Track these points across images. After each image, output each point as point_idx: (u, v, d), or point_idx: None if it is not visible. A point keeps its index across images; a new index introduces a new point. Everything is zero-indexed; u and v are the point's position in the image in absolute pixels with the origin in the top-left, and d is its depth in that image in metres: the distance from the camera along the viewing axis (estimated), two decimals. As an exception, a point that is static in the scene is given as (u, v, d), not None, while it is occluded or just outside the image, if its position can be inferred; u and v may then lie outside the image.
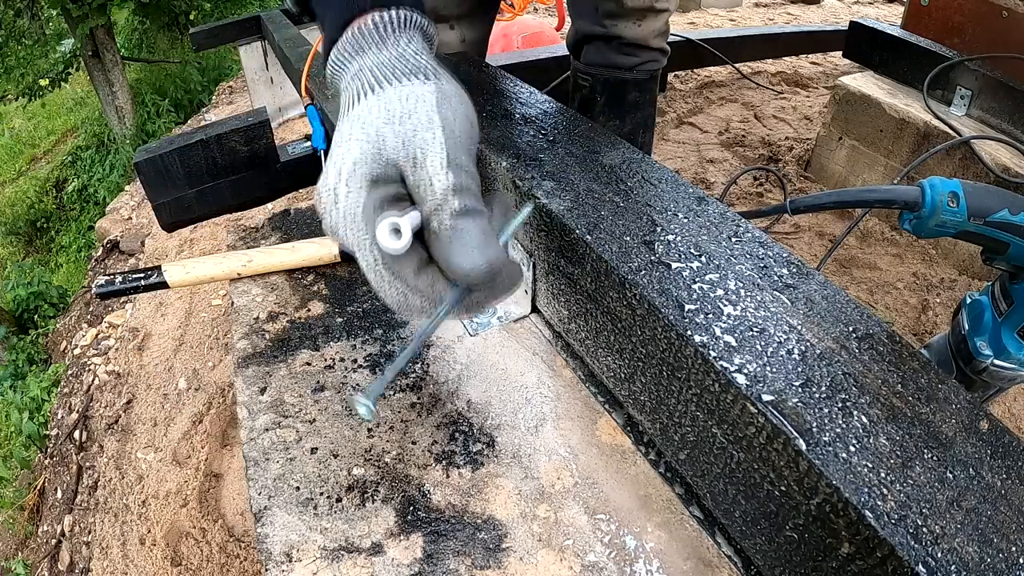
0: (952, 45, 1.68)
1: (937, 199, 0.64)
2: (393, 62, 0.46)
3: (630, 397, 0.57)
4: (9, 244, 7.02)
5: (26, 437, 2.25)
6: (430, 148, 0.42)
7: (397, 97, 0.44)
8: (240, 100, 3.75)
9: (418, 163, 0.43)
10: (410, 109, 0.43)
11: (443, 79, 0.47)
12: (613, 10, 1.08)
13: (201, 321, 1.92)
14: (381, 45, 0.47)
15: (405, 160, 0.43)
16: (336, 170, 0.44)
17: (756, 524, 0.46)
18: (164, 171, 1.03)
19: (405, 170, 0.43)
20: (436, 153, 0.42)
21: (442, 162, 0.42)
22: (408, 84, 0.45)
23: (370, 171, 0.43)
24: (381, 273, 0.43)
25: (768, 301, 0.49)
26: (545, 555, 0.50)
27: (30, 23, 7.69)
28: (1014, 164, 1.44)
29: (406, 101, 0.44)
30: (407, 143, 0.43)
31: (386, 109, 0.44)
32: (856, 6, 4.07)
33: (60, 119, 8.97)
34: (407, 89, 0.44)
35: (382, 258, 0.42)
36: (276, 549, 0.50)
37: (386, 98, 0.44)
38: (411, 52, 0.47)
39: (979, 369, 0.76)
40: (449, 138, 0.43)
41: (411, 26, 0.49)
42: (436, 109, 0.44)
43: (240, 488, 1.35)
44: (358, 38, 0.48)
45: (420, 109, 0.43)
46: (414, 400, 0.63)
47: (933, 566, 0.34)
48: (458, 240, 0.42)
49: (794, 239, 1.72)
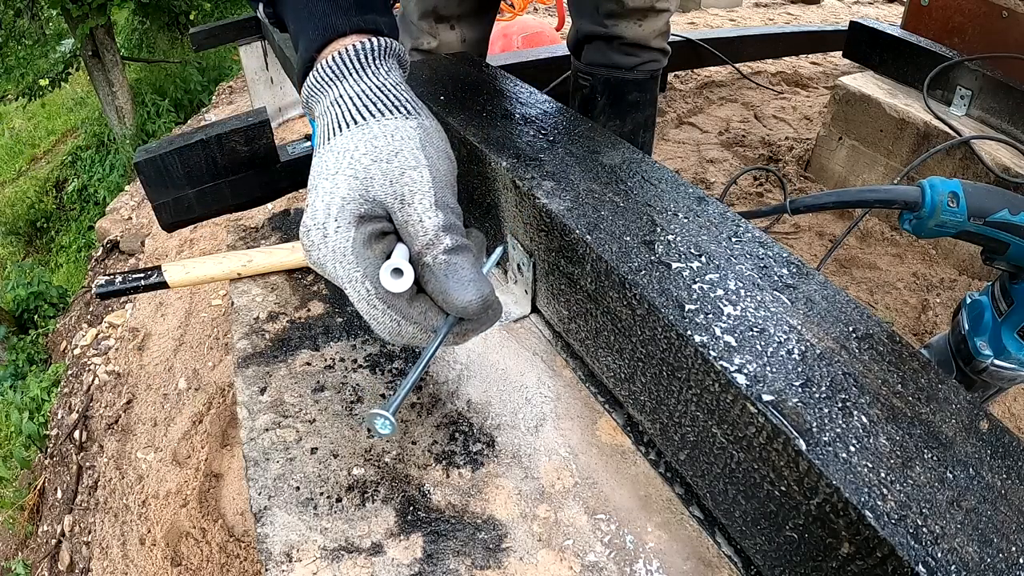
0: (952, 45, 1.68)
1: (937, 199, 0.64)
2: (375, 93, 0.47)
3: (630, 397, 0.57)
4: (9, 244, 7.02)
5: (26, 437, 2.25)
6: (419, 188, 0.44)
7: (382, 133, 0.45)
8: (240, 100, 3.75)
9: (407, 202, 0.44)
10: (397, 148, 0.45)
11: (423, 114, 0.48)
12: (614, 10, 1.08)
13: (201, 321, 1.92)
14: (360, 74, 0.48)
15: (393, 199, 0.44)
16: (324, 206, 0.44)
17: (756, 524, 0.46)
18: (164, 171, 1.02)
19: (393, 208, 0.45)
20: (425, 193, 0.44)
21: (431, 202, 0.44)
22: (391, 119, 0.46)
23: (357, 209, 0.44)
24: (375, 304, 0.44)
25: (768, 301, 0.49)
26: (545, 555, 0.50)
27: (30, 23, 7.70)
28: (1014, 164, 1.44)
29: (391, 139, 0.45)
30: (395, 182, 0.44)
31: (372, 146, 0.45)
32: (856, 6, 4.07)
33: (60, 119, 8.97)
34: (391, 124, 0.45)
35: (376, 292, 0.43)
36: (276, 549, 0.50)
37: (371, 133, 0.45)
38: (390, 84, 0.48)
39: (979, 369, 0.76)
40: (436, 178, 0.45)
41: (390, 55, 0.50)
42: (421, 148, 0.45)
43: (240, 488, 1.35)
44: (337, 64, 0.48)
45: (406, 148, 0.45)
46: (414, 400, 0.63)
47: (933, 566, 0.34)
48: (453, 275, 0.44)
49: (794, 239, 1.72)
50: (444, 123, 0.79)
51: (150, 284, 0.76)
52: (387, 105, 0.46)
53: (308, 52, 0.49)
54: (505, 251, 0.57)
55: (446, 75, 0.91)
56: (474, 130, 0.75)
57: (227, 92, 4.19)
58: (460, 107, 0.80)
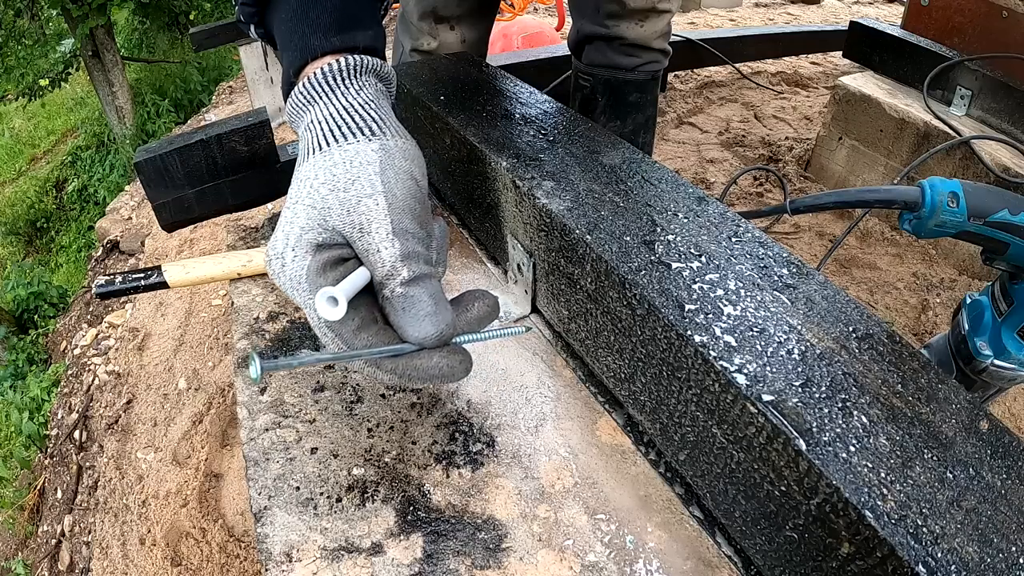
0: (952, 45, 1.68)
1: (937, 199, 0.64)
2: (341, 115, 0.47)
3: (630, 397, 0.57)
4: (9, 244, 7.02)
5: (26, 437, 2.25)
6: (374, 217, 0.43)
7: (342, 160, 0.45)
8: (240, 100, 3.75)
9: (364, 231, 0.43)
10: (354, 175, 0.44)
11: (388, 133, 0.47)
12: (615, 10, 1.08)
13: (201, 321, 1.92)
14: (331, 95, 0.47)
15: (351, 228, 0.44)
16: (284, 236, 0.45)
17: (756, 524, 0.46)
18: (164, 171, 1.02)
19: (352, 237, 0.44)
20: (380, 222, 0.43)
21: (387, 231, 0.43)
22: (353, 143, 0.45)
23: (315, 238, 0.44)
24: (324, 332, 0.44)
25: (768, 301, 0.49)
26: (545, 555, 0.50)
27: (30, 23, 7.70)
28: (1014, 164, 1.44)
29: (350, 166, 0.44)
30: (351, 211, 0.43)
31: (331, 174, 0.44)
32: (856, 6, 4.07)
33: (60, 119, 8.97)
34: (351, 150, 0.45)
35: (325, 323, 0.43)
36: (276, 549, 0.50)
37: (332, 160, 0.45)
38: (359, 103, 0.47)
39: (979, 369, 0.76)
40: (392, 204, 0.44)
41: (364, 72, 0.49)
42: (379, 174, 0.44)
43: (240, 488, 1.35)
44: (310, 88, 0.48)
45: (363, 175, 0.44)
46: (414, 400, 0.63)
47: (933, 566, 0.34)
48: (410, 309, 0.43)
49: (794, 239, 1.72)
50: (444, 123, 0.79)
51: (150, 284, 0.76)
52: (351, 128, 0.46)
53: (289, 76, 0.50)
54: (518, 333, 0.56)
55: (446, 75, 0.91)
56: (474, 130, 0.75)
57: (227, 92, 4.19)
58: (460, 107, 0.80)
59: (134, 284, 0.77)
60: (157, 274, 0.76)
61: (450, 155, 0.81)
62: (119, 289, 0.77)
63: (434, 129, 0.83)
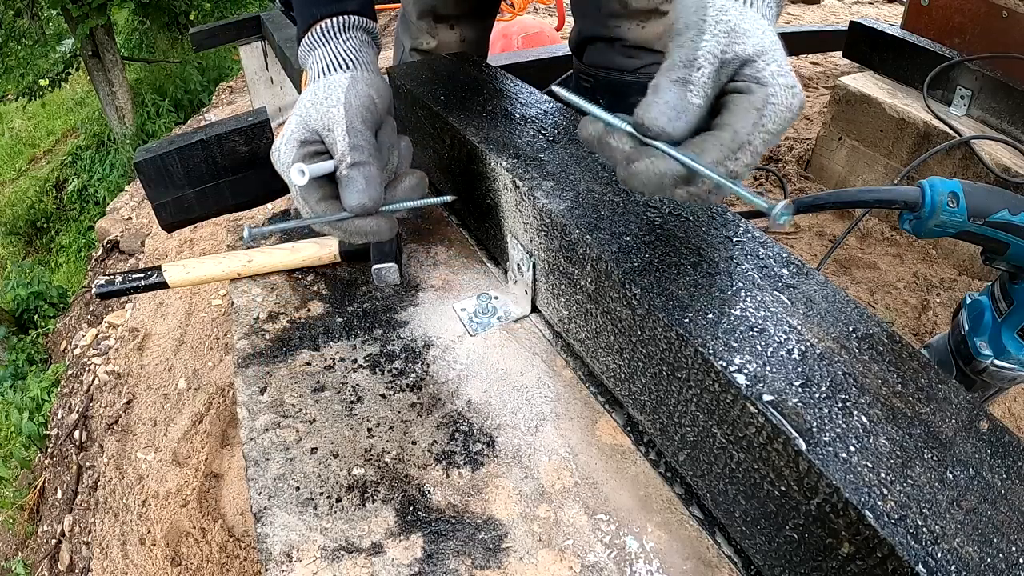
0: (952, 45, 1.69)
1: (937, 199, 0.64)
2: (330, 58, 0.65)
3: (630, 397, 0.57)
4: (9, 244, 7.02)
5: (26, 437, 2.25)
6: (336, 120, 0.60)
7: (323, 85, 0.62)
8: (240, 100, 3.76)
9: (329, 130, 0.60)
10: (327, 94, 0.61)
11: (359, 69, 0.65)
12: (616, 11, 1.08)
13: (201, 321, 1.92)
14: (326, 44, 0.66)
15: (322, 128, 0.61)
16: (282, 135, 0.63)
17: (756, 524, 0.46)
18: (164, 171, 1.03)
19: (323, 134, 0.61)
20: (339, 122, 0.59)
21: (342, 129, 0.59)
22: (333, 75, 0.63)
23: (300, 136, 0.61)
24: (298, 199, 0.61)
25: (768, 301, 0.49)
26: (545, 555, 0.50)
27: (30, 23, 7.70)
28: (1014, 164, 1.44)
29: (327, 88, 0.62)
30: (323, 116, 0.61)
31: (315, 94, 0.62)
32: (856, 6, 4.07)
33: (60, 119, 8.97)
34: (331, 79, 0.63)
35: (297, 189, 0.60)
36: (276, 549, 0.50)
37: (317, 86, 0.63)
38: (343, 49, 0.66)
39: (979, 369, 0.76)
40: (348, 112, 0.60)
41: (351, 27, 0.68)
42: (344, 92, 0.61)
43: (240, 488, 1.35)
44: (312, 39, 0.67)
45: (333, 94, 0.61)
46: (414, 400, 0.63)
47: (933, 566, 0.34)
48: (349, 184, 0.58)
49: (794, 239, 1.72)
50: (444, 123, 0.79)
51: (150, 284, 0.76)
52: (334, 65, 0.65)
53: (300, 32, 0.69)
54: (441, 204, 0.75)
55: (446, 75, 0.91)
56: (474, 130, 0.75)
57: (227, 92, 4.19)
58: (460, 107, 0.80)
59: (134, 284, 0.77)
60: (157, 274, 0.76)
61: (450, 155, 0.81)
62: (119, 289, 0.77)
63: (434, 129, 0.83)
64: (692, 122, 0.44)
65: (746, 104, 0.44)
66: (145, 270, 0.77)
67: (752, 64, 0.45)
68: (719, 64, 0.44)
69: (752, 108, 0.44)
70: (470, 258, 0.82)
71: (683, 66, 0.44)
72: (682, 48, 0.45)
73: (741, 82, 0.45)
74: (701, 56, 0.44)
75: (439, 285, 0.78)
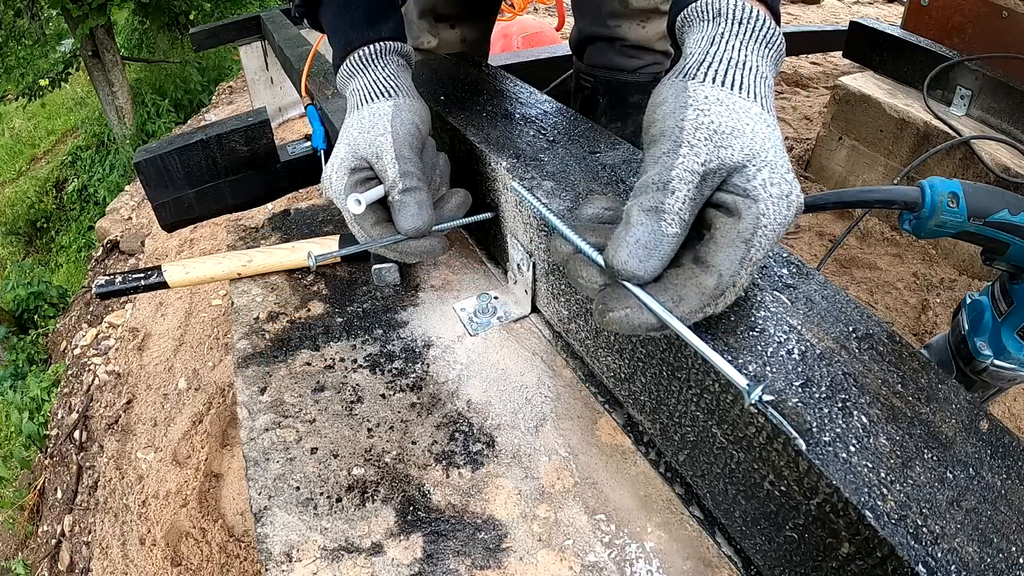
0: (952, 45, 1.68)
1: (937, 199, 0.64)
2: (370, 85, 0.67)
3: (630, 397, 0.57)
4: (9, 244, 7.02)
5: (26, 437, 2.25)
6: (385, 148, 0.63)
7: (368, 114, 0.65)
8: (240, 100, 3.75)
9: (379, 157, 0.63)
10: (374, 122, 0.64)
11: (401, 95, 0.67)
12: (617, 11, 1.08)
13: (201, 321, 1.92)
14: (365, 71, 0.69)
15: (371, 156, 0.64)
16: (331, 164, 0.66)
17: (756, 524, 0.46)
18: (164, 171, 1.03)
19: (372, 162, 0.64)
20: (388, 151, 0.62)
21: (391, 157, 0.62)
22: (376, 103, 0.66)
23: (350, 164, 0.64)
24: (352, 224, 0.65)
25: (768, 301, 0.49)
26: (545, 555, 0.50)
27: (30, 23, 7.70)
28: (1014, 164, 1.44)
29: (372, 116, 0.65)
30: (371, 144, 0.64)
31: (361, 123, 0.65)
32: (856, 6, 4.07)
33: (60, 119, 8.97)
34: (375, 107, 0.66)
35: (352, 216, 0.64)
36: (276, 549, 0.50)
37: (361, 115, 0.66)
38: (383, 76, 0.68)
39: (979, 369, 0.76)
40: (396, 140, 0.63)
41: (388, 53, 0.70)
42: (390, 121, 0.64)
43: (240, 488, 1.35)
44: (351, 66, 0.69)
45: (380, 122, 0.64)
46: (414, 400, 0.63)
47: (933, 566, 0.34)
48: (402, 210, 0.61)
49: (794, 239, 1.72)
50: (444, 123, 0.79)
51: (150, 284, 0.76)
52: (376, 93, 0.67)
53: (337, 60, 0.71)
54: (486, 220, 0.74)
55: (446, 75, 0.91)
56: (474, 130, 0.75)
57: (227, 92, 4.19)
58: (460, 107, 0.80)
59: (134, 284, 0.77)
60: (157, 274, 0.76)
61: (450, 155, 0.80)
62: (119, 289, 0.77)
63: (434, 129, 0.83)
64: (667, 256, 0.41)
65: (732, 235, 0.40)
66: (145, 270, 0.77)
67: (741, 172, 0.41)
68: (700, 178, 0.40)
69: (739, 241, 0.40)
70: (470, 258, 0.82)
71: (656, 189, 0.40)
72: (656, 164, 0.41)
73: (728, 194, 0.41)
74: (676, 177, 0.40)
75: (439, 285, 0.78)
